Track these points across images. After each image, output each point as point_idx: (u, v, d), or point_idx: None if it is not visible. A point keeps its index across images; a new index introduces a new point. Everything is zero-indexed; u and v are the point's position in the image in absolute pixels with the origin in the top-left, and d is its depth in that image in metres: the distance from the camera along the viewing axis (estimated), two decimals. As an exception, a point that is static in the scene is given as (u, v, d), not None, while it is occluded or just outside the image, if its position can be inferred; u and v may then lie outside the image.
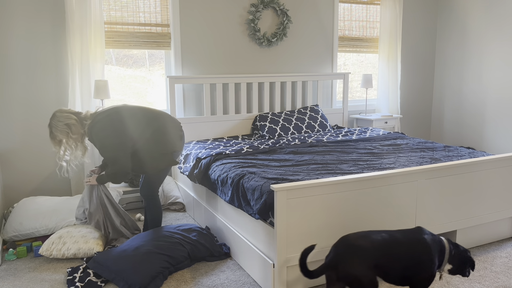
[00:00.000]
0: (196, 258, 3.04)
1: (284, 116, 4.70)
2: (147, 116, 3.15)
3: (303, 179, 2.81)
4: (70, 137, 3.06)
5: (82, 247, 3.09)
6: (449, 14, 5.74)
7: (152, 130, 3.11)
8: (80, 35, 3.90)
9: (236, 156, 3.56)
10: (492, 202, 3.21)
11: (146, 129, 3.10)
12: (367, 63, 5.76)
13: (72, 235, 3.14)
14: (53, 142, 3.07)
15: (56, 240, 3.11)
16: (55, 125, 3.04)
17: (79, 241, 3.11)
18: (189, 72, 4.52)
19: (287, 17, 4.83)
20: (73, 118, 3.05)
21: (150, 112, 3.20)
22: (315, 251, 2.60)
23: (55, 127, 3.04)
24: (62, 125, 3.03)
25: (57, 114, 3.06)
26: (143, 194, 3.29)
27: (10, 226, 3.34)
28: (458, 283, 2.71)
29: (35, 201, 3.60)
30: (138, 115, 3.12)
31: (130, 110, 3.13)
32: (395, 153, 3.62)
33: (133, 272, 2.68)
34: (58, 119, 3.04)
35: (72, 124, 3.04)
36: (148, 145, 3.10)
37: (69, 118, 3.04)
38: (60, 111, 3.09)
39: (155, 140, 3.12)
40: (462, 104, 5.69)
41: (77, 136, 3.07)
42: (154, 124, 3.14)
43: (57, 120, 3.04)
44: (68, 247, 3.07)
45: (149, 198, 3.28)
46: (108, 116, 3.05)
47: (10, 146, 3.90)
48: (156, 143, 3.12)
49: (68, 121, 3.03)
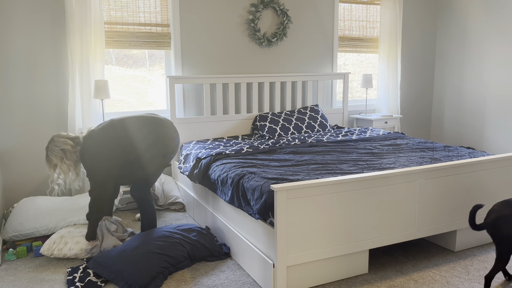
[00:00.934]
0: (196, 258, 3.04)
1: (284, 116, 4.70)
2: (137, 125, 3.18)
3: (303, 179, 2.80)
4: (64, 162, 3.08)
5: (84, 247, 3.09)
6: (449, 14, 5.74)
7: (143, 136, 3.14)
8: (80, 35, 3.90)
9: (236, 156, 3.56)
10: (492, 202, 3.21)
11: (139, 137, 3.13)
12: (367, 63, 5.76)
13: (73, 235, 3.14)
14: (48, 164, 3.09)
15: (57, 240, 3.11)
16: (52, 149, 3.06)
17: (80, 241, 3.11)
18: (189, 72, 4.52)
19: (287, 17, 4.83)
20: (69, 144, 3.07)
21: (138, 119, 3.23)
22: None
23: (51, 151, 3.06)
24: (58, 150, 3.05)
25: (55, 139, 3.09)
26: (135, 196, 3.27)
27: (10, 226, 3.34)
28: (458, 283, 2.71)
29: (35, 201, 3.60)
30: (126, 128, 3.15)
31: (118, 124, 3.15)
32: (395, 153, 3.62)
33: (133, 272, 2.68)
34: (55, 143, 3.07)
35: (67, 150, 3.06)
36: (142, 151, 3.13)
37: (65, 144, 3.06)
38: (58, 136, 3.11)
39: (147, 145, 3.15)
40: (462, 104, 5.69)
41: (71, 162, 3.09)
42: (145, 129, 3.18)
43: (53, 144, 3.07)
44: (70, 247, 3.07)
45: (142, 199, 3.28)
46: (96, 140, 3.07)
47: (10, 146, 3.90)
48: (148, 147, 3.14)
49: (64, 146, 3.05)
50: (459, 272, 2.86)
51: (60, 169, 3.08)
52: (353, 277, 2.81)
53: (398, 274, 2.84)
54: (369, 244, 2.78)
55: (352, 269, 2.80)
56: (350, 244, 2.71)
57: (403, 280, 2.75)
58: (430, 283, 2.72)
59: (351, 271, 2.80)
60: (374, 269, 2.92)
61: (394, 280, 2.76)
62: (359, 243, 2.74)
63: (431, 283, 2.71)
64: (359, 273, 2.83)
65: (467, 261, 3.00)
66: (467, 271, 2.86)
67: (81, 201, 3.60)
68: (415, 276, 2.80)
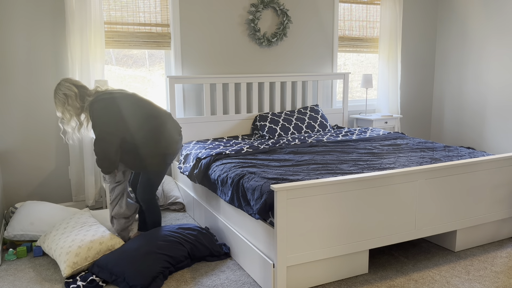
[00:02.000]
0: (196, 257, 3.04)
1: (284, 116, 4.70)
2: (149, 111, 3.12)
3: (303, 179, 2.80)
4: (66, 108, 3.10)
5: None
6: (449, 14, 5.74)
7: (149, 127, 3.09)
8: (80, 35, 3.90)
9: (236, 156, 3.56)
10: (492, 202, 3.21)
11: (145, 124, 3.08)
12: (367, 63, 5.76)
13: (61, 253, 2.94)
14: (56, 106, 3.14)
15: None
16: (56, 92, 3.10)
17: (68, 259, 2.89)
18: (189, 72, 4.52)
19: (287, 17, 4.83)
20: (74, 90, 3.09)
21: (153, 108, 3.18)
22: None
23: (56, 93, 3.10)
24: (61, 94, 3.08)
25: (62, 82, 3.12)
26: (142, 198, 3.25)
27: (19, 224, 3.31)
28: (458, 283, 2.71)
29: (48, 206, 3.57)
30: (141, 107, 3.12)
31: (136, 100, 3.13)
32: (395, 153, 3.62)
33: (134, 273, 2.68)
34: (60, 87, 3.10)
35: (70, 96, 3.08)
36: (142, 140, 3.08)
37: (69, 89, 3.08)
38: (66, 80, 3.14)
39: (149, 138, 3.09)
40: (462, 104, 5.69)
41: (72, 108, 3.10)
42: (153, 121, 3.11)
43: (59, 87, 3.10)
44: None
45: (149, 201, 3.25)
46: (112, 98, 3.07)
47: (10, 146, 3.90)
48: (148, 141, 3.09)
49: (67, 91, 3.08)
50: (459, 272, 2.86)
51: (63, 113, 3.12)
52: (353, 277, 2.81)
53: (398, 274, 2.84)
54: (369, 244, 2.78)
55: (352, 269, 2.80)
56: (350, 244, 2.71)
57: (403, 280, 2.75)
58: (430, 283, 2.72)
59: (351, 271, 2.80)
60: (374, 269, 2.92)
61: (394, 280, 2.76)
62: (359, 243, 2.74)
63: (431, 283, 2.71)
64: (359, 273, 2.83)
65: (467, 261, 3.00)
66: (467, 271, 2.86)
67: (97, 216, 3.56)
68: (415, 276, 2.80)
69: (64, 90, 3.09)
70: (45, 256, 3.20)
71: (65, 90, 3.09)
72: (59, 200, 4.10)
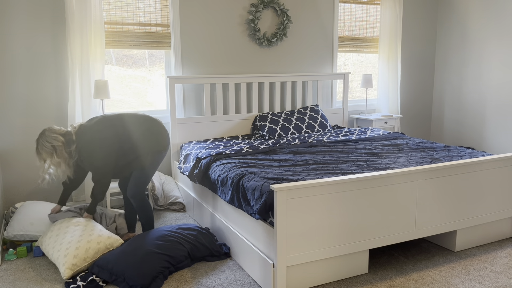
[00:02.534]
0: (196, 257, 3.04)
1: (284, 116, 4.70)
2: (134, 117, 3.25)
3: (303, 179, 2.80)
4: (54, 158, 3.03)
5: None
6: (449, 14, 5.74)
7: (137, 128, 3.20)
8: (80, 35, 3.90)
9: (236, 156, 3.56)
10: (492, 202, 3.21)
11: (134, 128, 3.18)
12: (367, 63, 5.76)
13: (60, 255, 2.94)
14: (38, 156, 3.05)
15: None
16: (42, 144, 3.00)
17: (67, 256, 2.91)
18: (189, 72, 4.52)
19: (287, 17, 4.83)
20: (60, 140, 3.02)
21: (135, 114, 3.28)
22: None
23: (42, 145, 3.01)
24: (49, 146, 3.00)
25: (46, 133, 3.02)
26: (131, 195, 3.22)
27: (19, 224, 3.31)
28: (458, 283, 2.71)
29: (48, 206, 3.55)
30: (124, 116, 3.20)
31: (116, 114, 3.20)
32: (395, 153, 3.62)
33: (134, 273, 2.68)
34: (46, 138, 3.00)
35: (58, 147, 3.01)
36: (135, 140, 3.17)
37: (56, 140, 3.00)
38: (50, 130, 3.04)
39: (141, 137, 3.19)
40: (462, 104, 5.69)
41: (61, 159, 3.04)
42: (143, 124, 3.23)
43: (44, 139, 3.00)
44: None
45: (138, 197, 3.24)
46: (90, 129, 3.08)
47: (10, 146, 3.90)
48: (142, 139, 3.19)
49: (55, 143, 3.00)
50: (459, 272, 2.86)
51: (51, 163, 3.04)
52: (353, 277, 2.81)
53: (398, 274, 2.84)
54: (369, 244, 2.78)
55: (352, 269, 2.80)
56: (350, 244, 2.71)
57: (403, 280, 2.75)
58: (430, 283, 2.72)
59: (351, 271, 2.80)
60: (374, 269, 2.92)
61: (394, 280, 2.76)
62: (359, 243, 2.74)
63: (431, 283, 2.71)
64: (359, 273, 2.83)
65: (467, 261, 3.00)
66: (467, 271, 2.86)
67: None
68: (415, 276, 2.80)
69: (51, 142, 2.99)
70: (45, 256, 3.20)
71: (52, 141, 2.99)
72: (59, 200, 4.10)
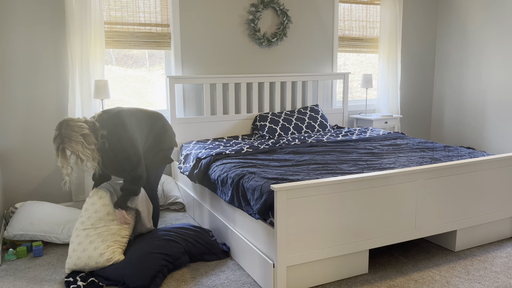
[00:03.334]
0: (193, 255, 3.04)
1: (284, 116, 4.70)
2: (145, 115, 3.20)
3: (303, 179, 2.80)
4: (85, 149, 2.77)
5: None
6: (449, 14, 5.74)
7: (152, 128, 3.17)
8: (80, 35, 3.90)
9: (236, 156, 3.56)
10: (492, 202, 3.21)
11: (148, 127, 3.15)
12: (367, 63, 5.76)
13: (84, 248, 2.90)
14: (61, 154, 2.73)
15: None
16: (69, 135, 2.71)
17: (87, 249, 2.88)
18: (189, 72, 4.52)
19: (287, 17, 4.83)
20: (86, 127, 2.79)
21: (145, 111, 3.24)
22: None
23: (69, 138, 2.71)
24: (78, 136, 2.72)
25: (70, 123, 2.74)
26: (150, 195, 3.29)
27: (19, 224, 3.31)
28: (458, 283, 2.71)
29: (48, 206, 3.57)
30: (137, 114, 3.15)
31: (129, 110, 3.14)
32: (395, 153, 3.62)
33: (132, 275, 2.68)
34: (72, 128, 2.72)
35: (86, 135, 2.78)
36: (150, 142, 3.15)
37: (82, 128, 2.76)
38: (71, 120, 2.78)
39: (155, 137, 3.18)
40: (462, 104, 5.69)
41: (93, 146, 2.80)
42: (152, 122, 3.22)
43: (70, 130, 2.72)
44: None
45: (153, 195, 3.31)
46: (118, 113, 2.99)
47: (10, 146, 3.90)
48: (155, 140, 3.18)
49: (83, 131, 2.76)
50: (459, 272, 2.86)
51: (82, 155, 2.77)
52: (353, 277, 2.81)
53: (398, 274, 2.84)
54: (369, 244, 2.78)
55: (352, 269, 2.80)
56: (350, 244, 2.71)
57: (403, 280, 2.75)
58: (430, 283, 2.72)
59: (351, 271, 2.80)
60: (374, 269, 2.92)
61: (394, 280, 2.76)
62: (359, 243, 2.74)
63: (431, 283, 2.71)
64: (359, 273, 2.83)
65: (467, 261, 3.00)
66: (467, 271, 2.86)
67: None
68: (415, 276, 2.80)
69: (79, 131, 2.72)
70: (45, 256, 3.20)
71: (80, 130, 2.73)
72: (59, 200, 4.10)
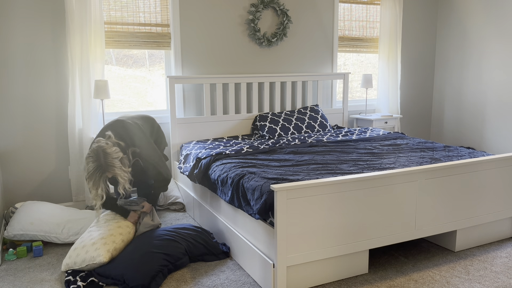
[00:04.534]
0: (193, 255, 3.04)
1: (284, 116, 4.70)
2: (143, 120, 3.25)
3: (303, 179, 2.80)
4: (123, 170, 2.77)
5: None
6: (449, 14, 5.74)
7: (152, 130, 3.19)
8: (80, 35, 3.90)
9: (236, 156, 3.56)
10: (492, 202, 3.21)
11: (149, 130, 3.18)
12: (367, 63, 5.76)
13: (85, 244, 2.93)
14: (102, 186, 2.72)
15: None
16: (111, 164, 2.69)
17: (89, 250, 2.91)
18: (189, 72, 4.52)
19: (287, 17, 4.83)
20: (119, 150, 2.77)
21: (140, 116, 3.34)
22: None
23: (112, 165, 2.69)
24: (117, 161, 2.71)
25: (108, 151, 2.70)
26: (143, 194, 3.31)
27: (19, 224, 3.31)
28: (458, 283, 2.71)
29: (48, 206, 3.57)
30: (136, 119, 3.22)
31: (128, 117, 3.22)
32: (395, 153, 3.62)
33: (133, 275, 2.68)
34: (111, 155, 2.70)
35: (123, 157, 2.77)
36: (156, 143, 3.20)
37: (117, 152, 2.75)
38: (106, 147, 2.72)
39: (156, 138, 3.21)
40: (462, 104, 5.69)
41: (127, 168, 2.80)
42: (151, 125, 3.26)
43: (109, 157, 2.70)
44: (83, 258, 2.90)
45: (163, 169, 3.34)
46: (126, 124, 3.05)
47: (10, 146, 3.90)
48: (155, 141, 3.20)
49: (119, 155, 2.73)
50: (459, 272, 2.86)
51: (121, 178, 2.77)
52: (353, 277, 2.81)
53: (398, 274, 2.84)
54: (369, 244, 2.78)
55: (352, 269, 2.80)
56: (350, 244, 2.71)
57: (403, 280, 2.75)
58: (430, 283, 2.72)
59: (351, 271, 2.80)
60: (374, 269, 2.92)
61: (394, 280, 2.76)
62: (359, 243, 2.74)
63: (431, 283, 2.71)
64: (359, 273, 2.83)
65: (467, 261, 3.00)
66: (467, 271, 2.86)
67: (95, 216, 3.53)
68: (415, 276, 2.80)
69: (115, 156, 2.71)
70: (45, 256, 3.20)
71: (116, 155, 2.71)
72: (59, 200, 4.10)
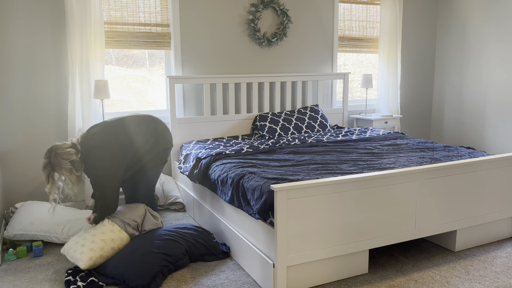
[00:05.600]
0: (194, 255, 3.04)
1: (284, 116, 4.70)
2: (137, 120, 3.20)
3: (303, 179, 2.80)
4: (73, 173, 2.83)
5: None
6: (449, 14, 5.74)
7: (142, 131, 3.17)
8: (80, 35, 3.90)
9: (236, 156, 3.56)
10: (492, 202, 3.21)
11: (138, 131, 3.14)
12: (367, 63, 5.76)
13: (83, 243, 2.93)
14: (51, 180, 2.80)
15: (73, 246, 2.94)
16: (59, 163, 2.76)
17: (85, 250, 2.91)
18: (189, 72, 4.52)
19: (287, 17, 4.83)
20: (74, 152, 2.82)
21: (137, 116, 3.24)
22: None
23: (59, 165, 2.77)
24: (67, 163, 2.77)
25: (59, 152, 2.78)
26: (145, 194, 3.29)
27: (19, 224, 3.31)
28: (458, 283, 2.71)
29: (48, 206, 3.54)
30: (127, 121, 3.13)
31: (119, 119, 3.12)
32: (395, 153, 3.62)
33: (133, 275, 2.68)
34: (61, 156, 2.77)
35: (75, 161, 2.82)
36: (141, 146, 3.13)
37: (71, 154, 2.80)
38: (59, 147, 2.81)
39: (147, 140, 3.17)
40: (462, 104, 5.69)
41: (79, 172, 2.86)
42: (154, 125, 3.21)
43: (59, 158, 2.76)
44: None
45: (151, 196, 3.30)
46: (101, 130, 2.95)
47: (10, 146, 3.90)
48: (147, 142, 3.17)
49: (71, 157, 2.79)
50: (459, 272, 2.86)
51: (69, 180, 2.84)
52: (353, 277, 2.81)
53: (398, 274, 2.84)
54: (369, 244, 2.78)
55: (352, 269, 2.80)
56: (350, 244, 2.71)
57: (403, 280, 2.75)
58: (430, 283, 2.72)
59: (351, 271, 2.80)
60: (374, 269, 2.92)
61: (394, 280, 2.76)
62: (359, 243, 2.74)
63: (431, 283, 2.71)
64: (359, 273, 2.83)
65: (467, 261, 3.00)
66: (467, 271, 2.86)
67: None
68: (415, 276, 2.80)
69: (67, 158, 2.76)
70: (45, 256, 3.20)
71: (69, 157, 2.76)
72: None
